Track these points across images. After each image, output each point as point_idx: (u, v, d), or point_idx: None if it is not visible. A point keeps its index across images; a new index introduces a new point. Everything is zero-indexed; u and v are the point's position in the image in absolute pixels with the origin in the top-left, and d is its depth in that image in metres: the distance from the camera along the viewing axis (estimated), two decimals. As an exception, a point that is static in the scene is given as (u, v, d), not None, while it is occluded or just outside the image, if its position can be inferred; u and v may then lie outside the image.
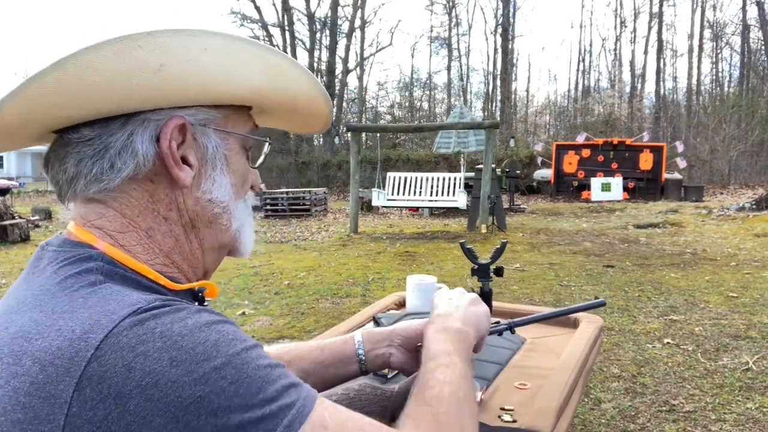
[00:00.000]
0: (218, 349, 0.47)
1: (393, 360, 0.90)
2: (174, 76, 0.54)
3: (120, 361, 0.44)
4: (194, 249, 0.63)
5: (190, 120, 0.58)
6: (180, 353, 0.45)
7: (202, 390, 0.45)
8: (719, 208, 10.90)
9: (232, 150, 0.63)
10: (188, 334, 0.47)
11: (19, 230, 8.41)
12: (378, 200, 9.89)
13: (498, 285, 4.65)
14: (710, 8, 27.42)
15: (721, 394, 2.56)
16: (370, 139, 21.81)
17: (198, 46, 0.54)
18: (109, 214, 0.57)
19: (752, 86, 24.29)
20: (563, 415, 0.93)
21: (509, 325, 0.98)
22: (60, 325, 0.47)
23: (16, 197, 19.49)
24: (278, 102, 0.66)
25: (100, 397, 0.43)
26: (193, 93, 0.57)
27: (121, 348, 0.45)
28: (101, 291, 0.50)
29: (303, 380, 0.88)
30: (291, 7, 26.77)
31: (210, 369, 0.46)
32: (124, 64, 0.51)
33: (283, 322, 3.83)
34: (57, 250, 0.56)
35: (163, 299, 0.50)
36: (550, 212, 11.98)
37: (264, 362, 0.50)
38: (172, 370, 0.44)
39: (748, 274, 5.01)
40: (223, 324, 0.50)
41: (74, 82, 0.51)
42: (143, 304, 0.48)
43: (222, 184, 0.62)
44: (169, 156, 0.57)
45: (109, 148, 0.56)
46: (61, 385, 0.44)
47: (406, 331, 0.91)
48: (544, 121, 31.32)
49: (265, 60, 0.59)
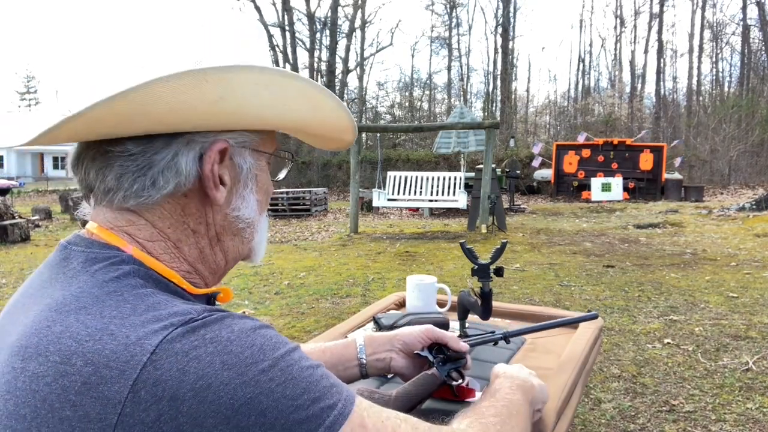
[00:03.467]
0: (264, 353, 0.50)
1: (393, 365, 0.91)
2: (231, 108, 0.56)
3: (175, 365, 0.46)
4: (218, 260, 0.65)
5: (232, 143, 0.61)
6: (230, 357, 0.48)
7: (253, 391, 0.47)
8: (719, 208, 10.90)
9: (262, 169, 0.66)
10: (236, 339, 0.49)
11: (20, 230, 8.41)
12: (378, 200, 9.89)
13: (498, 285, 4.65)
14: (710, 8, 27.43)
15: (721, 395, 2.56)
16: (370, 139, 21.81)
17: (262, 84, 0.57)
18: (140, 223, 0.59)
19: (752, 86, 24.28)
20: (563, 415, 0.94)
21: (504, 335, 1.01)
22: (112, 330, 0.48)
23: (17, 197, 19.49)
24: (315, 132, 0.71)
25: (155, 399, 0.45)
26: (243, 124, 0.60)
27: (176, 353, 0.47)
28: (147, 298, 0.52)
29: None
30: (291, 7, 26.76)
31: (258, 371, 0.48)
32: (188, 96, 0.53)
33: (283, 322, 3.83)
34: (85, 250, 0.56)
35: (207, 309, 0.53)
36: (550, 212, 11.98)
37: (306, 363, 0.52)
38: (224, 373, 0.47)
39: (748, 274, 5.01)
40: (265, 329, 0.53)
41: (139, 109, 0.52)
42: (194, 315, 0.50)
43: (250, 201, 0.65)
44: (210, 178, 0.59)
45: (153, 165, 0.56)
46: (116, 386, 0.45)
47: (407, 337, 0.92)
48: (544, 121, 31.32)
49: (311, 95, 0.62)
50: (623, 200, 14.36)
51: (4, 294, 4.90)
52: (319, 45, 27.91)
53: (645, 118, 26.13)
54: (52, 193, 21.56)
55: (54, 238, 8.73)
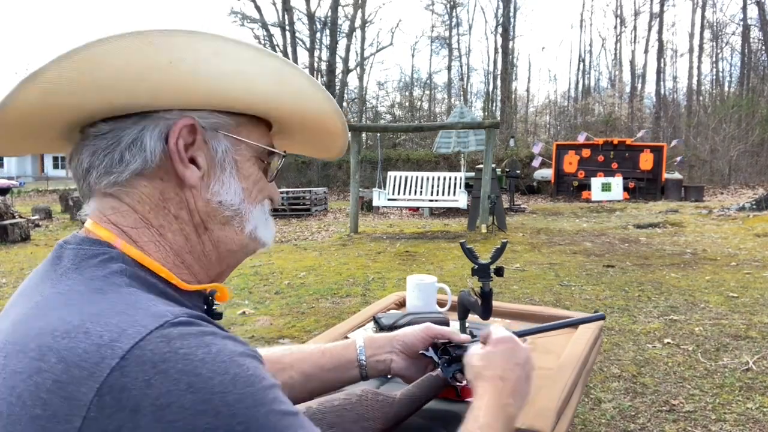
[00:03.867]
0: (236, 384, 0.47)
1: (394, 366, 0.90)
2: (182, 75, 0.56)
3: (141, 375, 0.45)
4: (208, 251, 0.64)
5: (201, 122, 0.61)
6: (198, 380, 0.46)
7: (211, 423, 0.45)
8: (719, 208, 10.90)
9: (244, 156, 0.65)
10: (210, 362, 0.47)
11: (20, 230, 8.41)
12: (379, 200, 9.89)
13: (498, 285, 4.65)
14: (710, 8, 27.43)
15: (721, 394, 2.56)
16: (371, 138, 21.81)
17: (210, 50, 0.56)
18: (123, 209, 0.59)
19: (752, 86, 24.28)
20: (563, 415, 0.94)
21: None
22: (88, 328, 0.47)
23: (17, 197, 19.49)
24: (287, 111, 0.67)
25: (118, 406, 0.44)
26: (200, 94, 0.59)
27: (144, 362, 0.45)
28: (128, 297, 0.51)
29: (303, 383, 0.88)
30: (291, 7, 26.78)
31: (222, 403, 0.46)
32: (135, 60, 0.53)
33: (283, 321, 3.83)
34: (77, 248, 0.57)
35: (189, 314, 0.51)
36: (550, 212, 11.98)
37: (278, 407, 0.49)
38: (188, 395, 0.45)
39: (748, 274, 5.01)
40: (245, 357, 0.50)
41: (83, 73, 0.53)
42: (169, 318, 0.49)
43: (231, 187, 0.63)
44: (176, 153, 0.59)
45: (121, 141, 0.58)
46: (84, 388, 0.44)
47: (407, 338, 0.91)
48: (544, 121, 31.32)
49: (274, 68, 0.60)
50: (623, 200, 14.36)
51: (4, 294, 4.90)
52: (319, 45, 27.93)
53: (645, 118, 26.13)
54: (52, 192, 21.57)
55: (54, 237, 8.73)
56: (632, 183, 14.96)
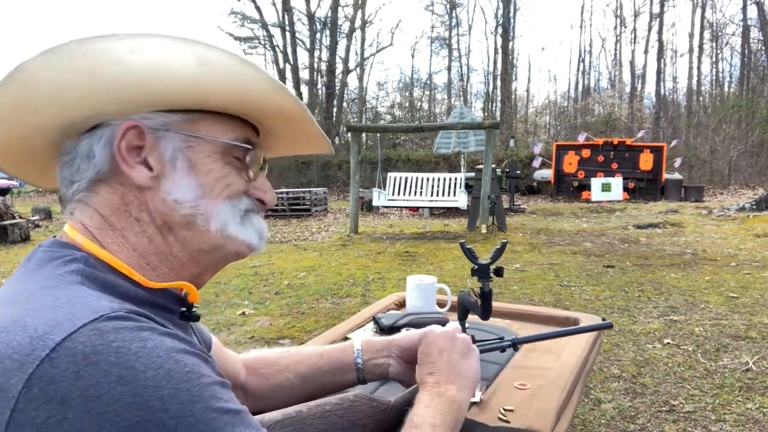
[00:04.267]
0: (169, 380, 0.46)
1: (391, 371, 0.90)
2: (108, 80, 0.57)
3: (71, 366, 0.44)
4: (176, 251, 0.64)
5: (147, 124, 0.61)
6: (130, 373, 0.45)
7: (142, 416, 0.44)
8: (719, 208, 10.90)
9: (201, 153, 0.63)
10: (144, 356, 0.46)
11: (20, 230, 8.41)
12: (379, 200, 9.89)
13: (498, 285, 4.64)
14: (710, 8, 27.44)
15: (721, 395, 2.56)
16: (370, 139, 21.82)
17: (126, 49, 0.56)
18: (88, 211, 0.62)
19: (752, 86, 24.27)
20: (563, 415, 0.93)
21: (513, 342, 0.97)
22: (26, 322, 0.48)
23: (17, 197, 19.48)
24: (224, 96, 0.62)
25: (46, 399, 0.43)
26: (132, 95, 0.59)
27: (75, 354, 0.45)
28: (74, 293, 0.51)
29: (300, 385, 0.88)
30: (291, 7, 26.75)
31: (155, 397, 0.45)
32: (55, 75, 0.55)
33: (283, 322, 3.83)
34: (46, 250, 0.59)
35: (129, 310, 0.50)
36: (550, 212, 11.98)
37: (215, 404, 0.48)
38: (118, 388, 0.44)
39: (748, 274, 5.01)
40: (184, 354, 0.49)
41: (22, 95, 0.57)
42: (106, 312, 0.48)
43: (184, 184, 0.62)
44: (119, 155, 0.60)
45: (78, 153, 0.62)
46: (13, 379, 0.44)
47: (405, 342, 0.90)
48: (544, 121, 31.31)
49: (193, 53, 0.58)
50: (623, 200, 14.36)
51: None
52: (319, 45, 27.92)
53: (645, 118, 26.13)
54: (52, 193, 21.55)
55: (54, 238, 8.73)
56: (632, 183, 14.96)
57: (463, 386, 0.78)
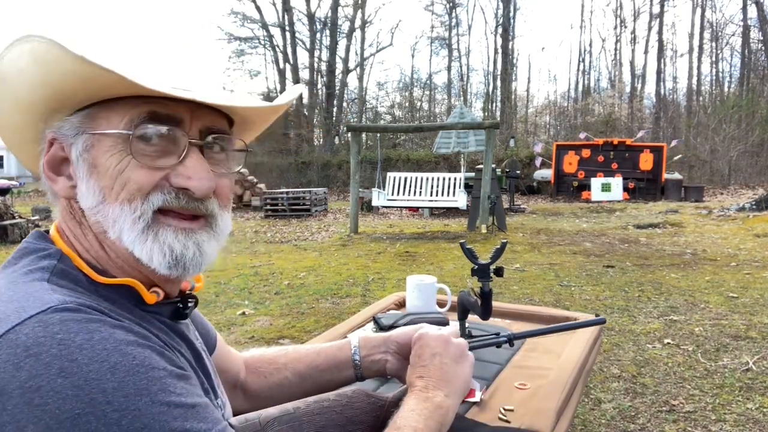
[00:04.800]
0: (114, 372, 0.45)
1: (389, 367, 0.90)
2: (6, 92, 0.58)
3: (12, 358, 0.44)
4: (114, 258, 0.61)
5: (62, 132, 0.60)
6: (72, 365, 0.44)
7: (83, 409, 0.43)
8: (719, 208, 10.90)
9: (100, 150, 0.58)
10: (88, 349, 0.45)
11: (20, 230, 8.41)
12: (378, 200, 9.89)
13: (498, 285, 4.65)
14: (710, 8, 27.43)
15: (721, 395, 2.56)
16: (370, 139, 21.81)
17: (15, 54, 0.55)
18: (57, 215, 0.65)
19: (752, 86, 24.27)
20: (563, 415, 0.93)
21: (508, 338, 0.97)
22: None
23: (17, 197, 19.49)
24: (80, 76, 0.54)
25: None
26: (9, 103, 0.60)
27: (17, 345, 0.45)
28: (32, 287, 0.51)
29: (299, 383, 0.88)
30: (291, 7, 26.77)
31: (98, 390, 0.44)
32: None
33: (283, 322, 3.83)
34: (29, 241, 0.61)
35: (80, 303, 0.49)
36: (550, 212, 11.98)
37: (164, 398, 0.47)
38: (59, 380, 0.43)
39: (748, 274, 5.01)
40: (134, 346, 0.48)
41: None
42: (54, 304, 0.48)
43: (86, 189, 0.59)
44: (42, 172, 0.63)
45: None
46: None
47: (402, 338, 0.90)
48: (544, 121, 31.30)
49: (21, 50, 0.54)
50: (623, 200, 14.36)
51: None
52: (319, 45, 27.93)
53: (645, 118, 26.13)
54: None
55: (54, 238, 8.73)
56: (632, 183, 14.96)
57: (452, 392, 0.77)
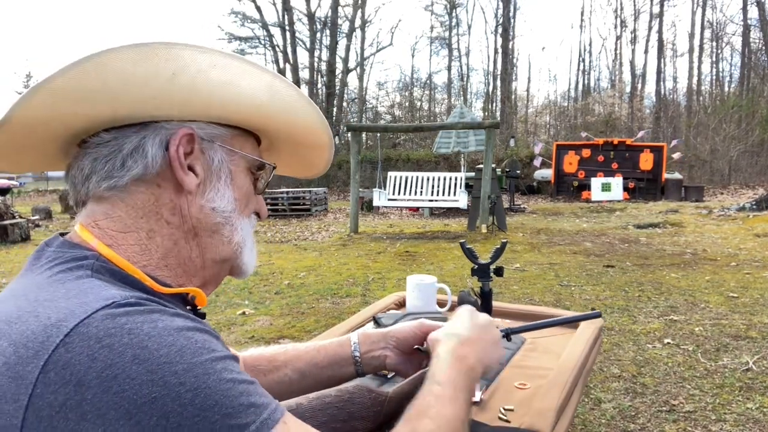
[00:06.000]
0: (182, 355, 0.48)
1: (388, 362, 0.91)
2: (184, 85, 0.58)
3: (86, 350, 0.46)
4: (194, 257, 0.65)
5: (199, 133, 0.64)
6: (144, 352, 0.46)
7: (159, 392, 0.45)
8: (719, 208, 10.90)
9: (238, 167, 0.68)
10: (156, 336, 0.48)
11: (20, 230, 8.41)
12: (379, 200, 9.89)
13: (498, 285, 4.65)
14: (711, 8, 27.43)
15: (721, 394, 2.56)
16: (370, 139, 21.82)
17: (208, 62, 0.58)
18: (115, 214, 0.61)
19: (752, 86, 24.27)
20: (563, 415, 0.93)
21: (505, 333, 0.98)
22: (39, 312, 0.49)
23: (17, 197, 19.49)
24: (279, 123, 0.70)
25: (63, 382, 0.45)
26: (199, 105, 0.62)
27: (89, 338, 0.46)
28: (84, 284, 0.53)
29: (299, 380, 0.89)
30: (291, 7, 26.77)
31: (170, 372, 0.46)
32: (141, 69, 0.56)
33: (283, 321, 3.83)
34: (56, 250, 0.59)
35: (139, 297, 0.52)
36: (551, 212, 11.98)
37: (228, 376, 0.50)
38: (133, 367, 0.46)
39: (748, 274, 5.01)
40: (195, 331, 0.51)
41: (93, 79, 0.55)
42: (118, 299, 0.50)
43: (225, 195, 0.66)
44: (176, 159, 0.61)
45: (123, 149, 0.61)
46: (29, 366, 0.46)
47: (401, 333, 0.91)
48: (544, 121, 31.31)
49: (266, 81, 0.63)
50: (623, 200, 14.36)
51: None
52: (319, 45, 27.92)
53: (645, 118, 26.12)
54: (52, 192, 21.57)
55: (54, 237, 8.73)
56: (632, 183, 14.96)
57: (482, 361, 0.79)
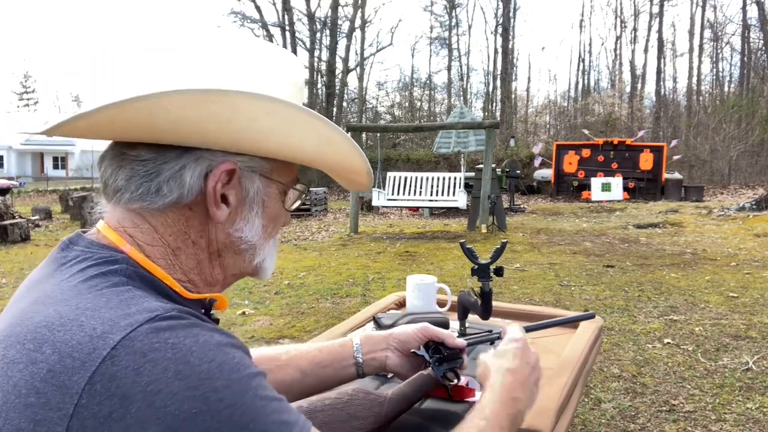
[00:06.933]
0: (222, 371, 0.49)
1: (389, 363, 0.91)
2: (237, 130, 0.58)
3: (131, 363, 0.47)
4: (216, 274, 0.67)
5: (240, 165, 0.63)
6: (186, 367, 0.48)
7: (199, 407, 0.47)
8: (719, 208, 10.90)
9: (271, 195, 0.67)
10: (197, 351, 0.49)
11: (20, 230, 8.41)
12: (378, 200, 9.89)
13: (498, 285, 4.65)
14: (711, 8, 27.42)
15: (721, 394, 2.56)
16: (370, 139, 21.80)
17: (263, 109, 0.58)
18: (144, 227, 0.61)
19: (752, 86, 24.28)
20: (563, 415, 0.94)
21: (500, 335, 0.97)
22: (82, 321, 0.50)
23: (17, 197, 19.49)
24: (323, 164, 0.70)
25: (108, 394, 0.46)
26: (249, 146, 0.61)
27: (135, 352, 0.47)
28: (124, 294, 0.53)
29: (300, 380, 0.89)
30: (291, 7, 26.76)
31: (210, 389, 0.48)
32: (196, 112, 0.55)
33: (283, 322, 3.83)
34: (84, 250, 0.59)
35: (179, 309, 0.53)
36: (550, 212, 11.98)
37: (263, 393, 0.52)
38: (176, 382, 0.47)
39: (748, 274, 5.01)
40: (231, 348, 0.53)
41: (145, 117, 0.54)
42: (161, 312, 0.51)
43: (254, 225, 0.66)
44: (212, 195, 0.60)
45: (161, 173, 0.59)
46: (76, 376, 0.46)
47: (403, 335, 0.92)
48: (544, 121, 31.32)
49: (319, 130, 0.62)
50: (623, 200, 14.36)
51: (4, 294, 4.90)
52: (319, 45, 27.92)
53: (645, 118, 26.13)
54: (52, 192, 21.57)
55: (54, 237, 8.73)
56: (632, 183, 14.96)
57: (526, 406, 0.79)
